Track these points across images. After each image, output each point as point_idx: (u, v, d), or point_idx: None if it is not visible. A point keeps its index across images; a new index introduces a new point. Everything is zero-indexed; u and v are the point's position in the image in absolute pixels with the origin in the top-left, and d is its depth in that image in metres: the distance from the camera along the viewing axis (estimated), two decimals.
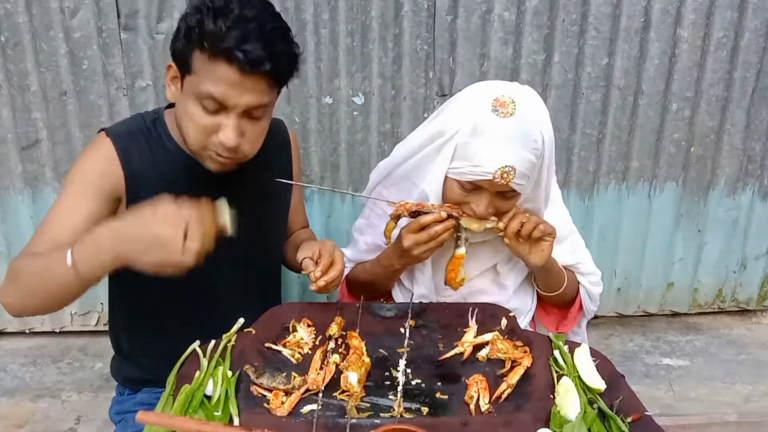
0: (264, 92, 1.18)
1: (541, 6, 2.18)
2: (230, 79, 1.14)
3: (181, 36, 1.17)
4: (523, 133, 1.26)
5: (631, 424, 1.07)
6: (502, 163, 1.24)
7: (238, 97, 1.16)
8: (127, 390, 1.52)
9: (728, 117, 2.40)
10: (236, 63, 1.12)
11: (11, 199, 2.26)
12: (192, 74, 1.17)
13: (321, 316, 1.35)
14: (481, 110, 1.28)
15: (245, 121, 1.20)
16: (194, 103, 1.18)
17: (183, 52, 1.17)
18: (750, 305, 2.73)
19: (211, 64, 1.13)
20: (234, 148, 1.21)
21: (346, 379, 1.13)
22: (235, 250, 1.43)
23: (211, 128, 1.19)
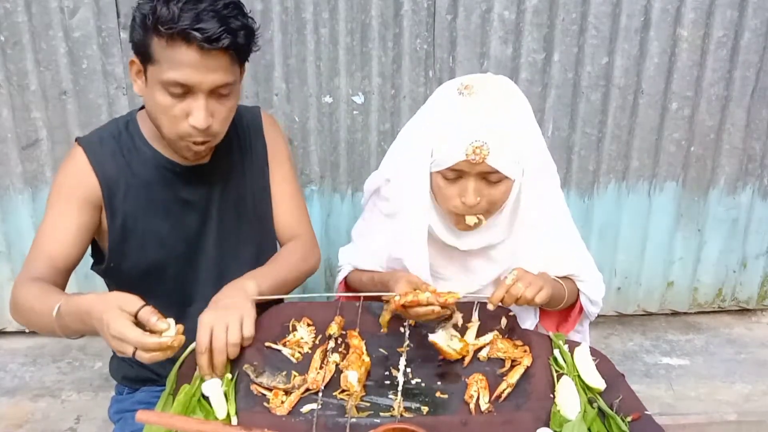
0: (227, 69, 1.19)
1: (540, 5, 2.18)
2: (191, 61, 1.14)
3: (137, 26, 1.17)
4: (491, 107, 1.23)
5: (631, 423, 1.07)
6: (471, 138, 1.21)
7: (202, 78, 1.16)
8: (127, 389, 1.52)
9: (728, 116, 2.40)
10: (195, 43, 1.12)
11: (11, 198, 2.25)
12: (154, 64, 1.17)
13: (321, 315, 1.35)
14: (448, 95, 1.28)
15: (213, 102, 1.21)
16: (161, 92, 1.19)
17: (141, 42, 1.17)
18: (750, 304, 2.73)
19: (170, 49, 1.14)
20: (205, 130, 1.21)
21: (346, 378, 1.13)
22: (218, 248, 1.43)
23: (180, 115, 1.20)
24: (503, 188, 1.30)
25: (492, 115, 1.23)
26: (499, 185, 1.29)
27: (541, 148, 1.38)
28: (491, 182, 1.28)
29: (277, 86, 2.19)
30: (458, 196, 1.29)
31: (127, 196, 1.32)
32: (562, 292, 1.44)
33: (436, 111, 1.30)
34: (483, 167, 1.24)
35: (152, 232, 1.36)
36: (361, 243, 1.59)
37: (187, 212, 1.38)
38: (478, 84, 1.26)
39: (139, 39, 1.17)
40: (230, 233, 1.44)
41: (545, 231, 1.44)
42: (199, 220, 1.40)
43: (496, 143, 1.22)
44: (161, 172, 1.34)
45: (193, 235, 1.40)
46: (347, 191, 2.34)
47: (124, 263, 1.36)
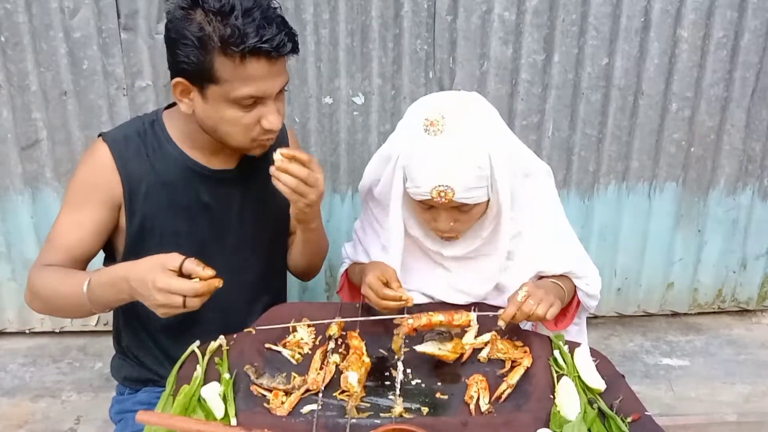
0: (286, 70, 1.24)
1: (541, 6, 2.18)
2: (263, 73, 1.17)
3: (192, 51, 1.15)
4: (455, 147, 1.25)
5: (631, 424, 1.07)
6: (435, 183, 1.24)
7: (272, 86, 1.20)
8: (127, 390, 1.52)
9: (728, 117, 2.40)
10: (264, 55, 1.14)
11: (11, 199, 2.25)
12: (220, 83, 1.16)
13: (321, 316, 1.35)
14: (415, 131, 1.29)
15: (278, 101, 1.26)
16: (231, 108, 1.20)
17: (200, 65, 1.15)
18: (750, 305, 2.73)
19: (240, 66, 1.14)
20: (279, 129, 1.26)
21: (346, 379, 1.13)
22: (233, 252, 1.43)
23: (253, 122, 1.23)
24: (476, 211, 1.34)
25: (456, 157, 1.24)
26: (471, 211, 1.32)
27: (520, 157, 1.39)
28: (463, 210, 1.31)
29: None
30: (432, 221, 1.34)
31: (148, 197, 1.32)
32: (563, 294, 1.45)
33: (404, 144, 1.32)
34: (452, 203, 1.28)
35: (169, 234, 1.35)
36: (358, 239, 1.62)
37: (206, 215, 1.38)
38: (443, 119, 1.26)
39: (196, 62, 1.15)
40: (246, 241, 1.44)
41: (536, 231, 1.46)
42: (217, 225, 1.40)
43: (460, 184, 1.25)
44: (186, 173, 1.34)
45: (209, 238, 1.40)
46: (347, 192, 2.34)
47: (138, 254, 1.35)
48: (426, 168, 1.26)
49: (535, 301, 1.25)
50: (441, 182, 1.24)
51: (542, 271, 1.47)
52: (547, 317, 1.25)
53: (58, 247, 1.29)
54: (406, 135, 1.33)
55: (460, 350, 1.23)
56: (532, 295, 1.25)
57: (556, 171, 2.34)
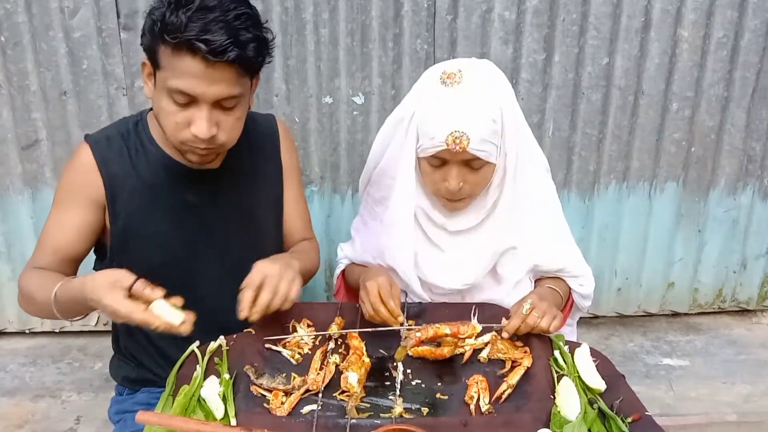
0: (233, 82, 1.17)
1: (541, 5, 2.17)
2: (195, 71, 1.12)
3: (146, 31, 1.17)
4: (473, 97, 1.28)
5: (632, 424, 1.07)
6: (451, 128, 1.26)
7: (206, 89, 1.14)
8: (127, 390, 1.52)
9: (728, 117, 2.40)
10: (199, 54, 1.10)
11: (11, 199, 2.25)
12: (160, 69, 1.17)
13: (321, 316, 1.35)
14: (431, 85, 1.32)
15: (218, 112, 1.19)
16: (166, 98, 1.18)
17: (150, 47, 1.17)
18: (750, 305, 2.73)
19: (175, 57, 1.13)
20: (209, 140, 1.20)
21: (346, 379, 1.13)
22: (222, 252, 1.43)
23: (184, 122, 1.19)
24: (485, 173, 1.35)
25: (472, 105, 1.27)
26: (480, 170, 1.33)
27: (525, 134, 1.43)
28: (473, 168, 1.32)
29: (277, 87, 2.19)
30: (442, 181, 1.34)
31: (131, 197, 1.32)
32: (561, 302, 1.46)
33: (420, 100, 1.34)
34: (464, 155, 1.29)
35: (154, 234, 1.35)
36: (357, 237, 1.62)
37: (190, 215, 1.37)
38: (460, 72, 1.30)
39: (148, 44, 1.17)
40: (233, 239, 1.43)
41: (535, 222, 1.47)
42: (203, 224, 1.39)
43: (475, 132, 1.26)
44: (168, 173, 1.34)
45: (196, 238, 1.39)
46: (347, 192, 2.34)
47: (125, 263, 1.35)
48: (442, 115, 1.27)
49: (539, 313, 1.25)
50: (457, 128, 1.25)
51: (538, 264, 1.48)
52: (550, 330, 1.25)
53: (46, 249, 1.31)
54: (421, 93, 1.35)
55: (454, 344, 1.23)
56: (537, 307, 1.26)
57: (556, 171, 2.35)
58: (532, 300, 1.27)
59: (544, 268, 1.49)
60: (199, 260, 1.41)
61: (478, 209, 1.43)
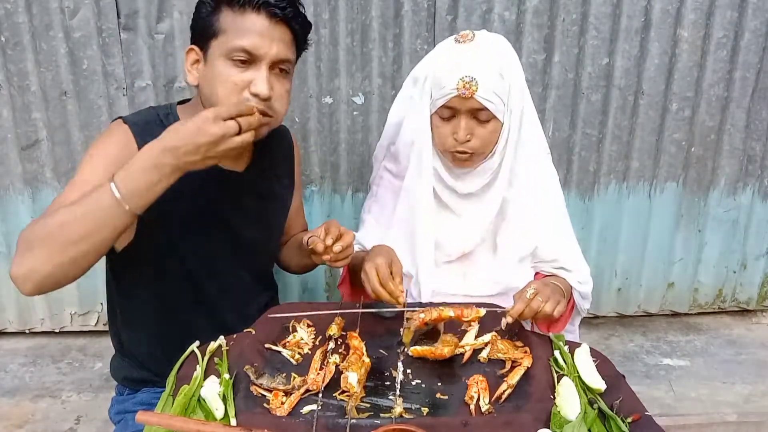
0: (289, 45, 1.27)
1: (541, 6, 2.18)
2: (260, 28, 1.21)
3: (204, 6, 1.24)
4: (483, 50, 1.37)
5: (632, 424, 1.06)
6: (461, 74, 1.33)
7: (268, 46, 1.23)
8: (127, 390, 1.52)
9: (728, 117, 2.40)
10: (264, 11, 1.20)
11: (11, 199, 2.25)
12: (219, 35, 1.22)
13: (321, 316, 1.35)
14: (445, 45, 1.44)
15: (274, 77, 1.26)
16: (224, 62, 1.23)
17: (207, 19, 1.23)
18: (750, 305, 2.73)
19: (240, 17, 1.21)
20: (267, 99, 1.24)
21: (346, 379, 1.13)
22: (235, 251, 1.44)
23: (242, 84, 1.24)
24: (492, 127, 1.41)
25: (483, 55, 1.37)
26: (488, 124, 1.40)
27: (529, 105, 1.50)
28: (481, 121, 1.39)
29: None
30: (452, 134, 1.40)
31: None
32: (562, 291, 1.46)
33: (434, 58, 1.44)
34: (473, 103, 1.35)
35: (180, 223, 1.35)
36: (369, 216, 1.64)
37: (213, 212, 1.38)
38: (473, 33, 1.41)
39: (206, 16, 1.23)
40: (248, 240, 1.45)
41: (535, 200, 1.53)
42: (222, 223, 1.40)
43: (484, 80, 1.34)
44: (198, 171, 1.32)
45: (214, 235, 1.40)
46: (347, 192, 2.34)
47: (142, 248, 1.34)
48: (453, 64, 1.36)
49: (543, 298, 1.28)
50: (466, 73, 1.33)
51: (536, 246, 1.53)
52: (554, 314, 1.28)
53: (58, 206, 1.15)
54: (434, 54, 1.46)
55: (454, 344, 1.24)
56: (540, 292, 1.29)
57: (556, 171, 2.34)
58: (536, 286, 1.30)
59: (540, 254, 1.53)
60: (214, 257, 1.42)
61: (484, 171, 1.48)
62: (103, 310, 2.43)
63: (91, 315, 2.46)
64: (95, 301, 2.43)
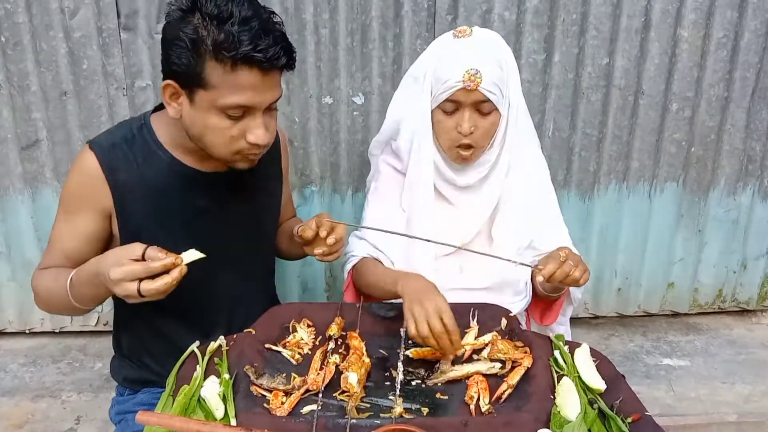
0: (279, 84, 1.22)
1: (541, 6, 2.18)
2: (254, 83, 1.14)
3: (184, 52, 1.12)
4: (482, 44, 1.42)
5: (632, 424, 1.07)
6: (467, 66, 1.36)
7: (262, 98, 1.17)
8: (127, 390, 1.52)
9: (728, 117, 2.40)
10: (257, 65, 1.12)
11: (11, 199, 2.25)
12: (208, 89, 1.14)
13: (321, 316, 1.35)
14: (443, 41, 1.48)
15: (266, 116, 1.22)
16: (217, 116, 1.17)
17: (190, 68, 1.13)
18: (750, 305, 2.73)
19: (231, 74, 1.12)
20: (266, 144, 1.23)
21: (346, 379, 1.13)
22: (231, 253, 1.43)
23: (238, 134, 1.20)
24: (492, 119, 1.44)
25: (483, 48, 1.41)
26: (489, 116, 1.43)
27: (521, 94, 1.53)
28: (483, 113, 1.42)
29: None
30: (455, 127, 1.43)
31: (141, 205, 1.30)
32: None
33: (434, 55, 1.47)
34: (477, 95, 1.38)
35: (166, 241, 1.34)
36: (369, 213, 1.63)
37: (201, 220, 1.37)
38: (470, 29, 1.45)
39: (187, 64, 1.13)
40: (239, 242, 1.44)
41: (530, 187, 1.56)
42: (212, 228, 1.39)
43: (487, 72, 1.37)
44: (177, 178, 1.32)
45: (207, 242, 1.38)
46: (347, 192, 2.34)
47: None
48: (457, 58, 1.39)
49: (573, 263, 1.30)
50: (472, 66, 1.36)
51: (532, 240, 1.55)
52: (580, 283, 1.30)
53: (56, 252, 1.33)
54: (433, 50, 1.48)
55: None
56: (570, 257, 1.31)
57: (556, 171, 2.35)
58: (567, 251, 1.32)
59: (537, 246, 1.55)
60: (208, 264, 1.41)
61: (482, 164, 1.51)
62: (104, 311, 2.43)
63: (91, 315, 2.46)
64: None
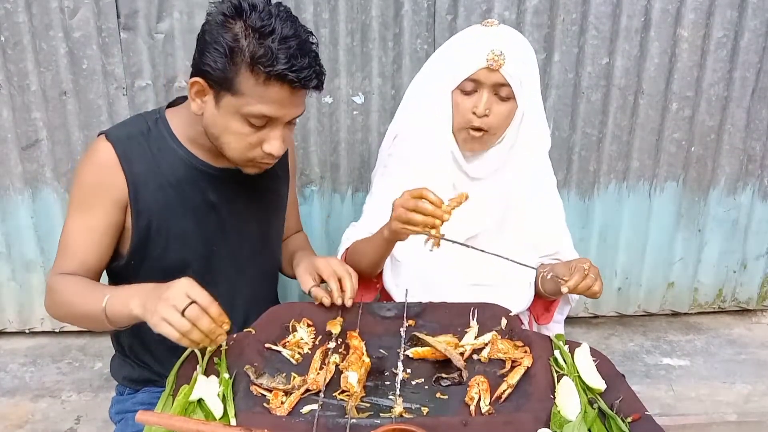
0: (304, 102, 1.25)
1: (541, 5, 2.18)
2: (282, 98, 1.17)
3: (220, 57, 1.14)
4: (509, 34, 1.44)
5: (632, 424, 1.07)
6: (491, 47, 1.38)
7: (287, 112, 1.20)
8: (127, 390, 1.52)
9: (728, 116, 2.40)
10: (288, 83, 1.15)
11: (11, 199, 2.25)
12: (236, 95, 1.16)
13: (321, 316, 1.35)
14: (471, 29, 1.49)
15: (286, 129, 1.25)
16: (240, 122, 1.20)
17: (223, 74, 1.15)
18: (750, 305, 2.73)
19: (263, 86, 1.15)
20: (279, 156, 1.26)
21: (346, 379, 1.13)
22: (236, 250, 1.43)
23: (256, 142, 1.23)
24: (509, 107, 1.45)
25: (511, 39, 1.43)
26: (506, 103, 1.44)
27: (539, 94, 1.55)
28: (501, 98, 1.43)
29: None
30: (471, 108, 1.43)
31: (155, 196, 1.31)
32: None
33: (459, 39, 1.49)
34: (498, 77, 1.40)
35: (178, 233, 1.35)
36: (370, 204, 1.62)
37: (212, 215, 1.38)
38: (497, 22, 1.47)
39: (222, 69, 1.15)
40: (247, 238, 1.45)
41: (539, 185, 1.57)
42: (221, 223, 1.40)
43: (511, 55, 1.39)
44: (192, 172, 1.33)
45: (215, 238, 1.40)
46: (347, 192, 2.34)
47: (144, 263, 1.35)
48: (482, 40, 1.41)
49: (594, 275, 1.32)
50: (496, 46, 1.38)
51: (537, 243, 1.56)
52: (597, 295, 1.34)
53: (72, 255, 1.28)
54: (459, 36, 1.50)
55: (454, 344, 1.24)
56: (591, 270, 1.33)
57: (556, 171, 2.33)
58: (588, 262, 1.35)
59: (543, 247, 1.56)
60: (216, 259, 1.42)
61: (496, 156, 1.52)
62: None
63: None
64: None
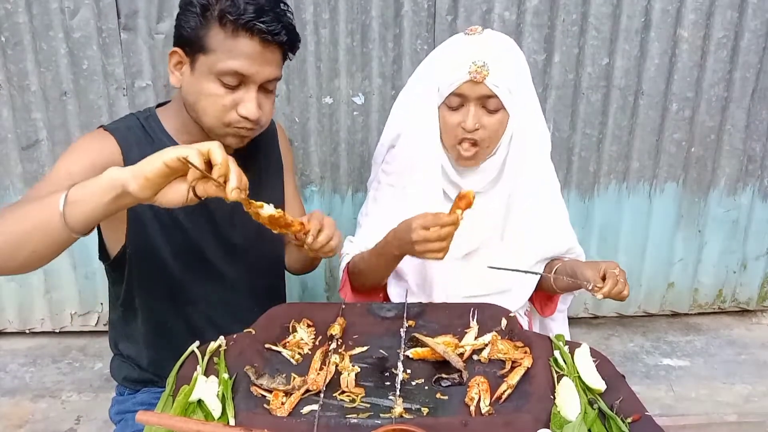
0: (278, 65, 1.26)
1: (541, 6, 2.18)
2: (252, 52, 1.19)
3: (193, 17, 1.19)
4: (492, 42, 1.40)
5: (632, 424, 1.06)
6: (473, 59, 1.35)
7: (259, 69, 1.21)
8: (127, 390, 1.52)
9: (728, 117, 2.40)
10: (257, 35, 1.18)
11: (11, 199, 2.25)
12: (208, 53, 1.20)
13: (321, 316, 1.35)
14: (454, 38, 1.45)
15: (261, 95, 1.26)
16: (213, 81, 1.21)
17: (195, 32, 1.19)
18: (750, 305, 2.73)
19: (232, 39, 1.18)
20: (256, 120, 1.25)
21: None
22: (234, 247, 1.43)
23: (231, 104, 1.23)
24: (500, 118, 1.41)
25: (493, 45, 1.39)
26: (496, 114, 1.40)
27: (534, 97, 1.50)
28: (489, 110, 1.39)
29: (278, 87, 2.18)
30: (460, 123, 1.40)
31: None
32: None
33: (442, 51, 1.45)
34: (483, 89, 1.36)
35: (170, 222, 1.35)
36: (367, 222, 1.61)
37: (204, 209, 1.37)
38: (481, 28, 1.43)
39: (194, 27, 1.19)
40: (241, 237, 1.44)
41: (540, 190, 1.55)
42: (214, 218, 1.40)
43: (495, 66, 1.35)
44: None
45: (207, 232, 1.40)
46: (347, 192, 2.34)
47: (139, 252, 1.35)
48: (464, 51, 1.38)
49: (623, 279, 1.33)
50: (478, 58, 1.34)
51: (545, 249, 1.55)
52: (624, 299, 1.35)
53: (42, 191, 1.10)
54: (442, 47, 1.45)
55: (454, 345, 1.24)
56: (621, 274, 1.34)
57: (557, 171, 2.34)
58: (618, 267, 1.35)
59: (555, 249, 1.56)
60: (208, 252, 1.41)
61: (490, 168, 1.50)
62: (104, 311, 2.43)
63: (91, 315, 2.46)
64: (95, 302, 2.43)
